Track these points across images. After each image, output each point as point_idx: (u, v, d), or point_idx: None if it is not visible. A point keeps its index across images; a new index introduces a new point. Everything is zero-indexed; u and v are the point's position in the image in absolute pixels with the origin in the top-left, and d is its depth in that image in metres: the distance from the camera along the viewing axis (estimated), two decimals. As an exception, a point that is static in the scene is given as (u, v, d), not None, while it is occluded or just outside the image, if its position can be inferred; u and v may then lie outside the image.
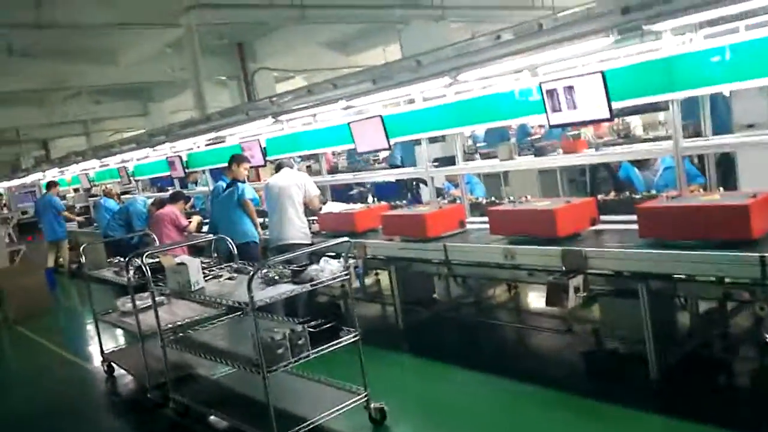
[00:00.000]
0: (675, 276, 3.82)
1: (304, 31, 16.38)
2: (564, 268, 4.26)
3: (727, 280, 3.67)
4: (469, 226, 5.65)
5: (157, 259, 5.29)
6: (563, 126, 4.99)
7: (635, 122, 10.78)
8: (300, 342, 3.86)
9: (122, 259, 6.12)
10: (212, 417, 4.60)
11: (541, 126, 11.75)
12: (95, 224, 12.35)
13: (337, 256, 4.27)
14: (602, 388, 4.21)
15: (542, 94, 4.72)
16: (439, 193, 7.40)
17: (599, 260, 4.16)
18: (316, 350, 3.89)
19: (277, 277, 4.16)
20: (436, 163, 6.27)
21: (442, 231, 5.40)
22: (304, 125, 7.95)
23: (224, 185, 7.08)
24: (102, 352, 6.12)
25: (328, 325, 4.08)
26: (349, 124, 6.53)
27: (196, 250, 7.15)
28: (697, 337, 4.39)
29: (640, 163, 5.83)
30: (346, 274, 4.10)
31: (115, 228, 9.60)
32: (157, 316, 4.69)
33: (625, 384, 4.19)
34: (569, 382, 4.45)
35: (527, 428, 4.04)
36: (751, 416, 3.66)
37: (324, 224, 6.66)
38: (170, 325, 5.06)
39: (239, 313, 5.10)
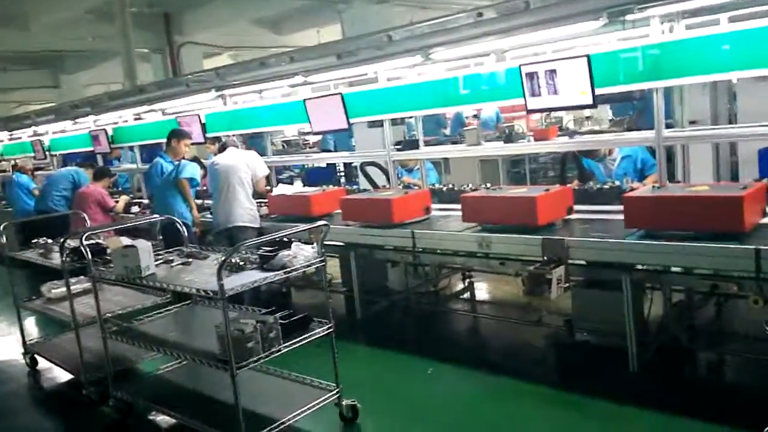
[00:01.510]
0: (666, 268, 3.71)
1: (235, 5, 15.64)
2: (544, 258, 4.10)
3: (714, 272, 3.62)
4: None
5: (93, 241, 4.77)
6: (541, 111, 4.83)
7: (566, 117, 11.01)
8: (271, 335, 3.49)
9: (48, 240, 5.51)
10: (159, 416, 4.16)
11: (475, 116, 11.83)
12: (4, 202, 11.31)
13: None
14: (580, 381, 4.10)
15: (521, 77, 4.53)
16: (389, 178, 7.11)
17: (581, 250, 4.03)
18: (287, 344, 3.54)
19: (242, 263, 3.78)
20: (398, 147, 5.99)
21: (408, 217, 5.14)
22: (245, 103, 7.49)
23: (163, 162, 6.52)
24: (24, 342, 5.47)
25: (298, 317, 3.74)
26: (304, 101, 6.14)
27: (132, 232, 6.55)
28: (672, 328, 4.35)
29: (592, 154, 5.77)
30: (321, 261, 3.76)
31: (56, 202, 8.58)
32: (98, 304, 4.18)
33: (604, 377, 4.08)
34: (544, 374, 4.34)
35: (503, 421, 3.86)
36: (735, 408, 3.62)
37: (275, 207, 6.25)
38: (109, 315, 4.54)
39: (188, 302, 4.65)
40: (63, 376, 5.18)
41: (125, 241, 4.26)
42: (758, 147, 5.53)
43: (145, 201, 8.20)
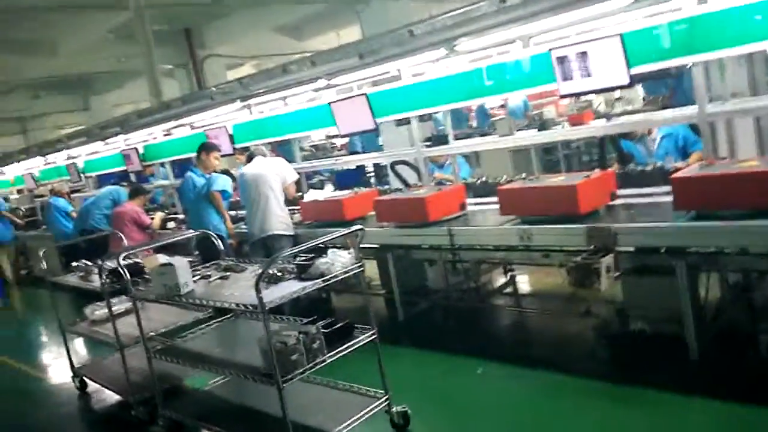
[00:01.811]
0: (721, 250, 3.52)
1: (254, 15, 15.72)
2: (592, 247, 3.94)
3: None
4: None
5: (132, 261, 4.77)
6: (575, 95, 4.67)
7: (596, 100, 10.70)
8: (315, 345, 3.42)
9: (87, 263, 5.55)
10: (210, 432, 4.14)
11: (502, 106, 11.59)
12: (44, 227, 11.52)
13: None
14: (638, 373, 3.92)
15: (552, 62, 4.37)
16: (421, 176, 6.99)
17: (629, 237, 3.86)
18: (332, 353, 3.46)
19: (279, 274, 3.71)
20: (428, 143, 5.87)
21: (443, 214, 5.02)
22: (270, 111, 7.44)
23: (194, 177, 6.53)
24: (72, 366, 5.52)
25: (340, 324, 3.67)
26: (330, 104, 6.07)
27: (169, 248, 6.58)
28: (728, 312, 4.15)
29: (630, 135, 5.56)
30: (359, 267, 3.67)
31: (98, 221, 8.72)
32: (140, 324, 4.17)
33: (663, 367, 3.89)
34: (598, 368, 4.17)
35: (560, 420, 3.71)
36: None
37: (308, 213, 6.19)
38: (152, 333, 4.53)
39: (230, 315, 4.62)
40: (112, 397, 5.21)
41: (162, 258, 4.24)
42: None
43: (181, 216, 8.23)
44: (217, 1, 13.03)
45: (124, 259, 4.26)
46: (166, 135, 9.08)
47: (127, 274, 4.09)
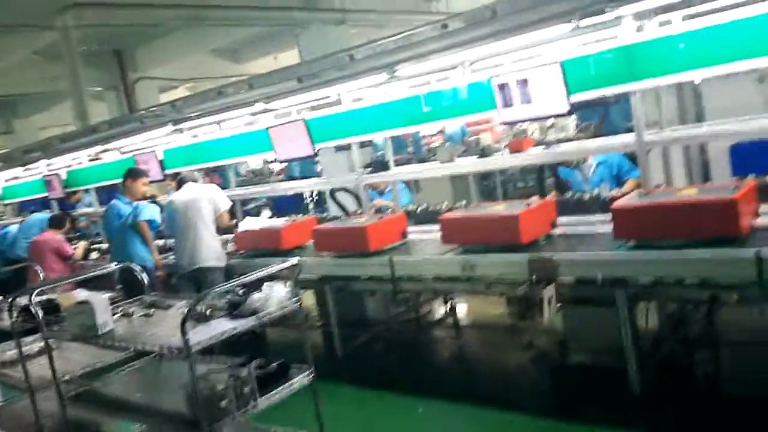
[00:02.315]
0: (662, 280, 3.49)
1: (190, 37, 15.34)
2: (534, 278, 3.85)
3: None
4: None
5: (46, 297, 4.39)
6: (515, 123, 4.63)
7: (531, 127, 10.89)
8: (246, 390, 3.15)
9: (-3, 298, 5.08)
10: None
11: (440, 132, 11.66)
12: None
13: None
14: (580, 408, 3.84)
15: (492, 89, 4.32)
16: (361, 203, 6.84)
17: (571, 267, 3.80)
18: (265, 397, 3.21)
19: (208, 312, 3.44)
20: (369, 168, 5.72)
21: (385, 244, 4.87)
22: (204, 135, 7.17)
23: (120, 204, 6.16)
24: (-24, 412, 5.01)
25: (275, 364, 3.42)
26: (267, 128, 5.86)
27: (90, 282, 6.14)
28: (667, 343, 4.13)
29: (566, 162, 5.56)
30: (296, 302, 3.45)
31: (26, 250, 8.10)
32: (53, 367, 3.78)
33: (605, 401, 3.82)
34: (542, 405, 4.07)
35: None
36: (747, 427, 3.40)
37: (242, 243, 5.92)
38: (68, 376, 4.13)
39: (154, 355, 4.27)
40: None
41: (80, 295, 3.89)
42: (728, 144, 5.39)
43: (105, 246, 7.77)
44: (151, 24, 12.61)
45: (37, 295, 3.88)
46: (92, 160, 8.63)
47: (40, 313, 3.72)
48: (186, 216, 5.72)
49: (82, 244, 7.92)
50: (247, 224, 5.98)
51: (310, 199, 13.14)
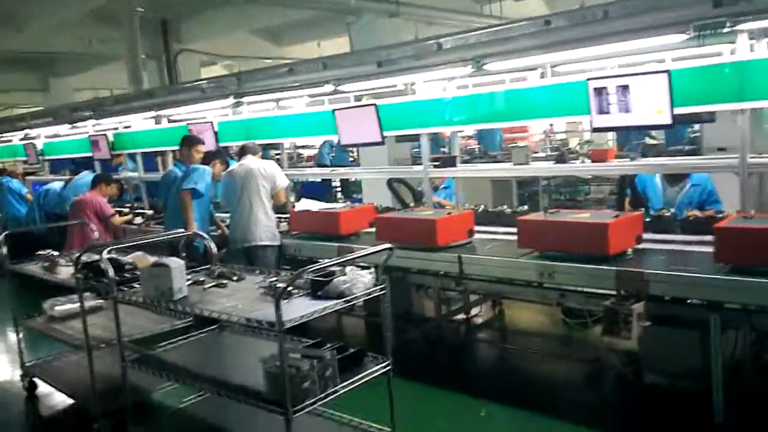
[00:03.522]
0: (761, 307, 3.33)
1: (236, 14, 15.27)
2: (621, 292, 3.71)
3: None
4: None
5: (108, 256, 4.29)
6: (609, 130, 4.48)
7: (573, 141, 10.67)
8: (327, 373, 3.04)
9: (53, 253, 5.02)
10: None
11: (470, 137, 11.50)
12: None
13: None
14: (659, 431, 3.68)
15: (588, 92, 4.17)
16: (418, 197, 6.71)
17: (663, 285, 3.64)
18: (344, 384, 3.09)
19: (291, 289, 3.32)
20: (436, 163, 5.59)
21: (452, 240, 4.73)
22: (252, 112, 7.06)
23: (177, 171, 6.07)
24: (23, 364, 4.93)
25: (352, 351, 3.30)
26: (333, 111, 5.74)
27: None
28: (749, 372, 3.97)
29: (674, 178, 5.26)
30: (382, 289, 3.33)
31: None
32: (118, 327, 3.68)
33: (685, 427, 3.67)
34: (615, 424, 3.90)
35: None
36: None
37: (298, 223, 5.79)
38: (126, 339, 4.04)
39: (214, 327, 4.17)
40: (64, 403, 4.67)
41: (152, 258, 3.80)
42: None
43: (149, 212, 7.69)
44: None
45: (108, 253, 3.78)
46: (139, 125, 8.57)
47: (112, 272, 3.62)
48: (243, 191, 5.60)
49: (125, 212, 7.81)
50: (305, 205, 5.85)
51: (339, 188, 13.10)
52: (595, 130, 4.35)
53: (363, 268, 3.39)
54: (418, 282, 5.24)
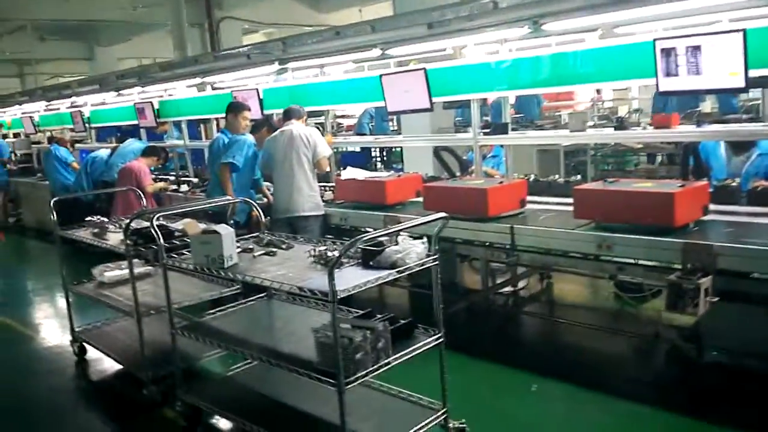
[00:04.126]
0: None
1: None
2: (687, 266, 3.51)
3: None
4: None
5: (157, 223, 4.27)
6: (675, 94, 4.23)
7: (622, 109, 10.16)
8: (379, 345, 2.96)
9: (103, 219, 5.05)
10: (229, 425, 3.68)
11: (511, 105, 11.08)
12: (40, 175, 10.95)
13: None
14: (722, 412, 3.50)
15: (654, 54, 3.92)
16: (465, 166, 6.54)
17: (733, 259, 3.42)
18: (396, 356, 3.01)
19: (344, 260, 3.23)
20: (486, 130, 5.41)
21: (504, 210, 4.56)
22: (294, 79, 6.93)
23: (224, 138, 6.01)
24: (72, 329, 5.00)
25: (403, 323, 3.22)
26: (381, 76, 5.57)
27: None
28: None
29: (739, 147, 4.97)
30: (434, 260, 3.21)
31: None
32: (168, 294, 3.67)
33: (752, 408, 3.48)
34: (675, 401, 3.73)
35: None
36: None
37: (343, 192, 5.69)
38: (175, 306, 4.03)
39: (263, 295, 4.13)
40: (113, 368, 4.74)
41: (203, 225, 3.75)
42: None
43: (195, 180, 7.70)
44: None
45: (157, 220, 3.76)
46: (183, 93, 8.55)
47: (161, 238, 3.59)
48: (286, 158, 5.44)
49: (160, 184, 7.77)
50: (351, 173, 5.74)
51: (378, 157, 12.94)
52: (662, 93, 4.09)
53: (414, 238, 3.29)
54: (465, 253, 5.11)
